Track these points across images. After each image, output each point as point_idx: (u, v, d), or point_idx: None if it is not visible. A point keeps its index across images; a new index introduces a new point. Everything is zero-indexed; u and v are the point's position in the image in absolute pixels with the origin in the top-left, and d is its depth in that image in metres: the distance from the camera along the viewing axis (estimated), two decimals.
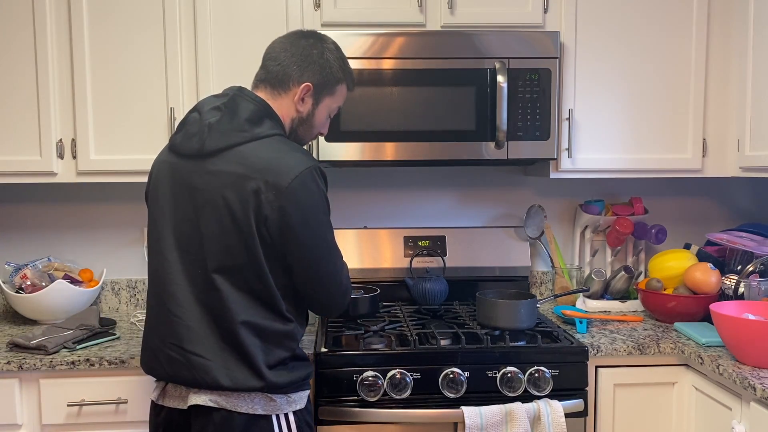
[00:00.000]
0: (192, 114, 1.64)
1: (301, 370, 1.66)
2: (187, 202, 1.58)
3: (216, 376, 1.54)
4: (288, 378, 1.61)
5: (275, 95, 1.66)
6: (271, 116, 1.63)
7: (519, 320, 2.10)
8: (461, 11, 2.29)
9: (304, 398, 1.68)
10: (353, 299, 2.10)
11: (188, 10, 2.23)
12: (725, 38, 2.34)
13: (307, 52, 1.67)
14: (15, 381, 1.95)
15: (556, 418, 1.90)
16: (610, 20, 2.32)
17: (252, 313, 1.56)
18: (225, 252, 1.55)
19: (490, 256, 2.59)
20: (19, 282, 2.35)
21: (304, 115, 1.69)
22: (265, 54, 1.70)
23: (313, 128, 1.73)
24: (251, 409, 1.57)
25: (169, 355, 1.57)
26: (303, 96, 1.67)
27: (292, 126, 1.70)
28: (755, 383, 1.71)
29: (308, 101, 1.68)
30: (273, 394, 1.60)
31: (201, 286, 1.56)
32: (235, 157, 1.55)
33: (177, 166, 1.61)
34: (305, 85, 1.66)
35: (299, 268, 1.60)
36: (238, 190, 1.53)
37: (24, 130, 2.22)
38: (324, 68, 1.68)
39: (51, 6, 2.20)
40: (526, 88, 2.23)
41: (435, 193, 2.72)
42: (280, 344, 1.60)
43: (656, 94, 2.35)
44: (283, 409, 1.61)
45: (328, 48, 1.71)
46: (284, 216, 1.53)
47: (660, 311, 2.32)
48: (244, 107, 1.60)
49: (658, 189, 2.75)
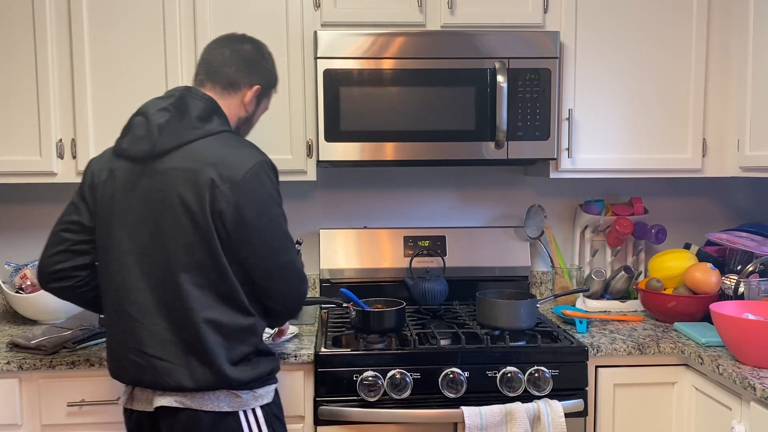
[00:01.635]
0: (137, 118, 1.65)
1: (266, 365, 1.68)
2: (142, 205, 1.59)
3: (179, 378, 1.56)
4: (252, 374, 1.63)
5: (224, 95, 1.71)
6: (219, 114, 1.68)
7: (519, 320, 2.10)
8: (461, 11, 2.29)
9: (270, 392, 1.70)
10: (378, 313, 2.08)
11: (188, 10, 2.23)
12: (725, 38, 2.34)
13: (253, 56, 1.76)
14: (15, 381, 1.95)
15: (556, 418, 1.90)
16: (610, 20, 2.32)
17: (214, 311, 1.58)
18: (184, 250, 1.56)
19: (490, 256, 2.59)
20: (19, 282, 2.35)
21: (248, 115, 1.78)
22: (205, 55, 1.75)
23: (250, 129, 1.84)
24: (217, 406, 1.59)
25: (133, 360, 1.59)
26: (253, 96, 1.76)
27: (237, 125, 1.76)
28: (755, 383, 1.71)
29: (254, 102, 1.78)
30: (238, 390, 1.62)
31: (162, 288, 1.57)
32: (187, 153, 1.57)
33: (127, 171, 1.62)
34: (256, 87, 1.75)
35: (257, 260, 1.61)
36: (193, 185, 1.55)
37: (24, 130, 2.22)
38: (270, 72, 1.81)
39: (51, 6, 2.20)
40: (526, 88, 2.23)
41: (435, 193, 2.72)
42: (242, 340, 1.62)
43: (656, 94, 2.35)
44: (250, 404, 1.64)
45: (268, 53, 1.82)
46: (239, 209, 1.56)
47: (660, 311, 2.32)
48: (194, 105, 1.63)
49: (658, 189, 2.75)
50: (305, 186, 2.66)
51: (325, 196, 2.68)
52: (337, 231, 2.59)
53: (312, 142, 2.27)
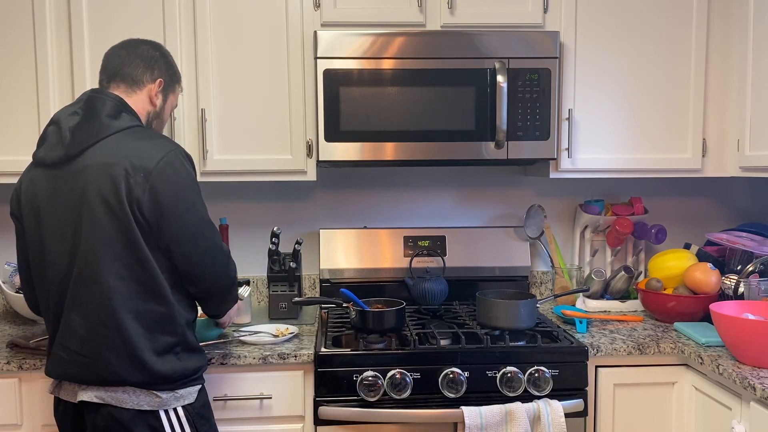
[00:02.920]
0: (49, 127, 1.69)
1: (192, 362, 1.70)
2: (65, 208, 1.62)
3: (99, 373, 1.60)
4: (177, 367, 1.65)
5: (129, 93, 1.75)
6: (127, 110, 1.71)
7: (519, 320, 2.10)
8: (461, 11, 2.29)
9: (193, 393, 1.70)
10: (378, 313, 2.08)
11: (188, 10, 2.23)
12: (725, 38, 2.34)
13: (151, 54, 1.79)
14: (15, 381, 1.95)
15: (556, 418, 1.90)
16: (610, 20, 2.32)
17: (135, 302, 1.61)
18: (106, 243, 1.59)
19: (490, 256, 2.59)
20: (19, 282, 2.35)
21: (158, 109, 1.81)
22: (104, 61, 1.78)
23: (163, 122, 1.86)
24: (136, 404, 1.61)
25: (60, 356, 1.63)
26: (158, 91, 1.79)
27: (149, 120, 1.80)
28: (755, 383, 1.71)
29: (160, 96, 1.80)
30: (158, 390, 1.63)
31: (85, 285, 1.60)
32: (100, 150, 1.62)
33: (47, 177, 1.66)
34: (159, 80, 1.78)
35: (177, 246, 1.64)
36: (108, 178, 1.59)
37: (24, 130, 2.22)
38: (170, 67, 1.84)
39: (51, 7, 2.20)
40: (526, 88, 2.23)
41: (435, 193, 2.72)
42: (164, 330, 1.64)
43: (656, 94, 2.35)
44: (170, 404, 1.65)
45: (165, 51, 1.84)
46: (155, 195, 1.59)
47: (660, 311, 2.32)
48: (102, 104, 1.68)
49: (658, 189, 2.75)
50: (305, 186, 2.66)
51: (325, 196, 2.68)
52: (337, 231, 2.59)
53: (312, 142, 2.27)
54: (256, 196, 2.65)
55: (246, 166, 2.28)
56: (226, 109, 2.26)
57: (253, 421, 2.00)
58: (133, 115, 1.72)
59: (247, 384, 1.98)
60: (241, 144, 2.27)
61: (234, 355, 1.97)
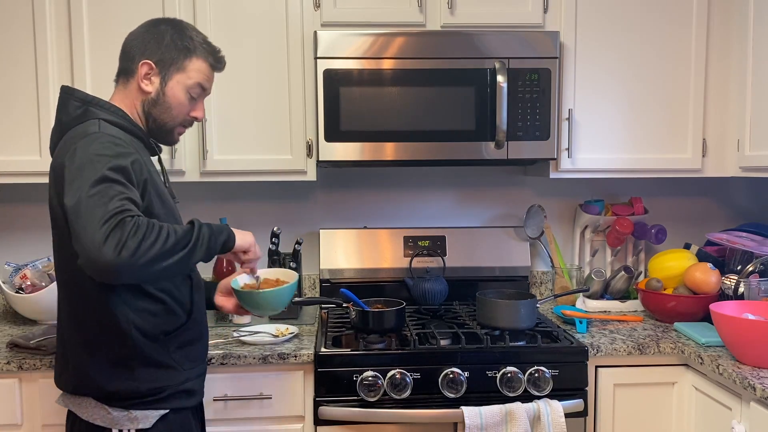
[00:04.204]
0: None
1: (150, 380, 1.53)
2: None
3: (59, 379, 1.61)
4: (127, 384, 1.51)
5: (124, 84, 1.64)
6: (96, 106, 1.57)
7: (519, 320, 2.10)
8: (461, 11, 2.29)
9: (150, 418, 1.53)
10: (378, 313, 2.07)
11: (188, 10, 2.23)
12: (725, 38, 2.34)
13: (137, 35, 1.64)
14: (15, 381, 1.95)
15: (556, 418, 1.90)
16: (610, 20, 2.32)
17: (73, 307, 1.56)
18: (56, 248, 1.58)
19: (490, 256, 2.59)
20: (19, 282, 2.35)
21: (153, 95, 1.62)
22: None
23: (170, 109, 1.63)
24: (90, 417, 1.53)
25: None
26: (144, 75, 1.61)
27: (144, 109, 1.63)
28: (755, 383, 1.71)
29: (155, 80, 1.61)
30: (110, 406, 1.52)
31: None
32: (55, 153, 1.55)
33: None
34: (143, 63, 1.60)
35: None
36: (51, 182, 1.53)
37: (24, 130, 2.22)
38: (161, 43, 1.61)
39: (51, 7, 2.20)
40: (526, 88, 2.23)
41: (435, 193, 2.72)
42: (107, 339, 1.51)
43: (656, 94, 2.35)
44: (123, 424, 1.51)
45: (163, 29, 1.63)
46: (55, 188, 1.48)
47: (660, 311, 2.32)
48: (66, 106, 1.58)
49: (658, 189, 2.75)
50: (305, 186, 2.66)
51: (325, 196, 2.68)
52: (337, 231, 2.58)
53: (312, 142, 2.27)
54: (256, 196, 2.65)
55: (246, 166, 2.28)
56: (226, 109, 2.26)
57: (253, 421, 2.00)
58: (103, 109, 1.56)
59: (247, 384, 1.98)
60: (241, 144, 2.27)
61: (234, 355, 1.97)
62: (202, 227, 1.48)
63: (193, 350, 1.64)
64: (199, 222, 1.49)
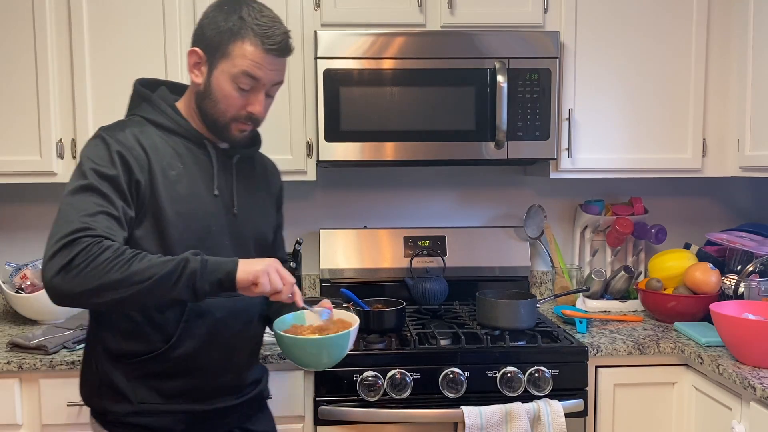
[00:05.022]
0: None
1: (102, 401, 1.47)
2: None
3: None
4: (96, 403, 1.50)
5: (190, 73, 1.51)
6: (147, 101, 1.53)
7: (519, 320, 2.10)
8: (461, 11, 2.29)
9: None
10: (378, 313, 2.07)
11: (188, 10, 2.23)
12: (725, 38, 2.34)
13: (206, 18, 1.48)
14: (15, 381, 1.95)
15: (556, 418, 1.90)
16: (610, 20, 2.32)
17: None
18: None
19: (490, 256, 2.59)
20: (19, 282, 2.35)
21: (202, 87, 1.48)
22: None
23: (217, 102, 1.46)
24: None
25: None
26: (193, 64, 1.48)
27: (197, 101, 1.50)
28: (755, 383, 1.71)
29: (203, 70, 1.47)
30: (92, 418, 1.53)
31: None
32: None
33: None
34: (190, 51, 1.48)
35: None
36: None
37: (24, 130, 2.22)
38: (207, 28, 1.45)
39: (51, 7, 2.20)
40: (526, 88, 2.23)
41: (435, 193, 2.72)
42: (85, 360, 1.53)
43: (656, 94, 2.35)
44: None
45: (233, 3, 1.45)
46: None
47: (660, 311, 2.32)
48: (130, 99, 1.59)
49: (658, 189, 2.75)
50: (305, 186, 2.66)
51: (325, 196, 2.68)
52: (337, 231, 2.59)
53: (312, 142, 2.27)
54: None
55: None
56: None
57: None
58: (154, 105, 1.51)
59: None
60: None
61: None
62: (189, 263, 1.30)
63: (167, 385, 1.47)
64: (193, 256, 1.31)
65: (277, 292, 1.34)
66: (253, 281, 1.31)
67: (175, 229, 1.42)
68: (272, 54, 1.44)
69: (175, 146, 1.48)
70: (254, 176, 1.66)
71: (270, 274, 1.33)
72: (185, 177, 1.47)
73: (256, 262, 1.33)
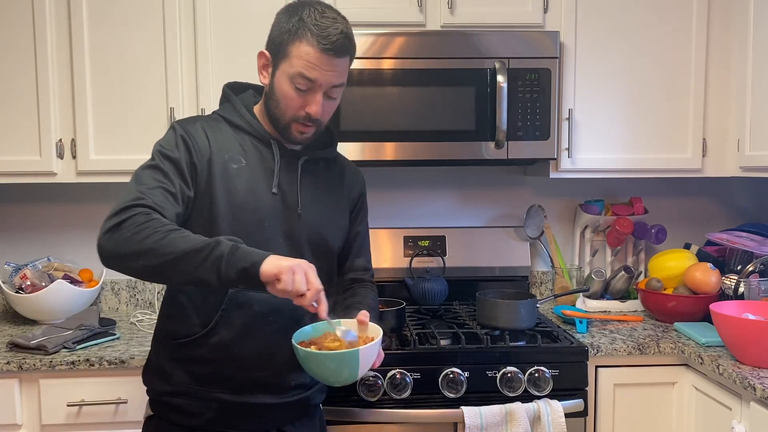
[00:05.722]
0: None
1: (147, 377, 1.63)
2: None
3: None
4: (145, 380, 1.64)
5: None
6: (229, 99, 1.62)
7: (519, 320, 2.10)
8: (461, 11, 2.29)
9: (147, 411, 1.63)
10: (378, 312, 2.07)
11: (188, 10, 2.23)
12: (725, 38, 2.34)
13: (274, 20, 1.55)
14: (15, 381, 1.95)
15: (556, 418, 1.90)
16: (610, 20, 2.32)
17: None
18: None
19: (490, 256, 2.59)
20: (19, 282, 2.35)
21: (267, 88, 1.55)
22: None
23: (278, 102, 1.51)
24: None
25: None
26: (262, 66, 1.54)
27: (265, 103, 1.57)
28: (755, 383, 1.71)
29: (269, 71, 1.53)
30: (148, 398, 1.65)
31: None
32: None
33: None
34: (259, 54, 1.54)
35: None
36: None
37: (24, 130, 2.22)
38: (273, 30, 1.52)
39: (51, 6, 2.20)
40: (526, 88, 2.23)
41: (435, 193, 2.72)
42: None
43: (656, 94, 2.35)
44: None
45: (296, 6, 1.51)
46: None
47: (660, 311, 2.32)
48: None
49: (658, 189, 2.75)
50: None
51: None
52: None
53: None
54: None
55: None
56: None
57: None
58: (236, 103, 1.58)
59: None
60: None
61: None
62: (220, 245, 1.30)
63: (202, 371, 1.51)
64: (227, 241, 1.31)
65: (300, 294, 1.29)
66: (277, 276, 1.27)
67: (225, 219, 1.48)
68: (328, 54, 1.46)
69: (242, 143, 1.55)
70: (327, 180, 1.66)
71: (296, 274, 1.28)
72: (246, 172, 1.52)
73: (288, 259, 1.30)
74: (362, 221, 1.76)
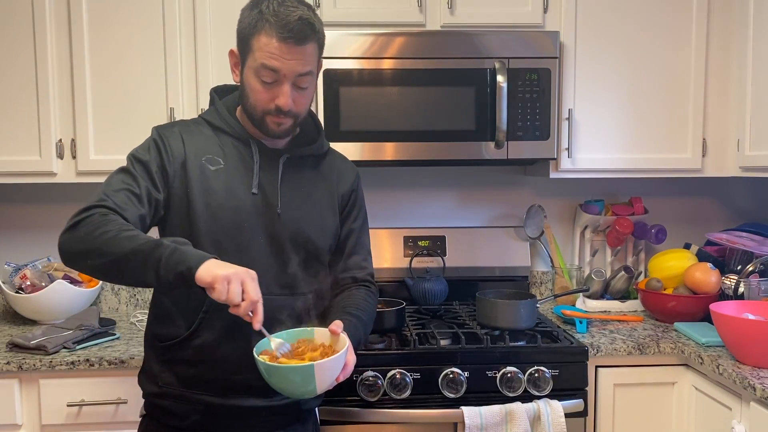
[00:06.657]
0: None
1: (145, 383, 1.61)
2: None
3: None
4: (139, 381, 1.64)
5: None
6: (214, 102, 1.63)
7: (519, 320, 2.10)
8: (461, 11, 2.29)
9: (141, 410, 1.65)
10: (378, 313, 2.04)
11: (188, 10, 2.23)
12: (725, 38, 2.34)
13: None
14: (15, 381, 1.95)
15: (555, 418, 1.90)
16: (610, 20, 2.32)
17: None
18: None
19: (490, 256, 2.59)
20: (19, 282, 2.35)
21: (240, 85, 1.54)
22: None
23: (248, 98, 1.50)
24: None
25: None
26: (233, 65, 1.54)
27: (240, 101, 1.56)
28: (755, 383, 1.70)
29: (237, 70, 1.53)
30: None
31: None
32: None
33: None
34: (229, 52, 1.55)
35: None
36: None
37: (24, 130, 2.22)
38: (238, 27, 1.51)
39: (51, 7, 2.20)
40: (526, 88, 2.23)
41: (435, 193, 2.72)
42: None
43: (656, 94, 2.35)
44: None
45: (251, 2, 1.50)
46: None
47: (660, 311, 2.32)
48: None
49: (658, 189, 2.75)
50: None
51: None
52: None
53: None
54: None
55: None
56: None
57: None
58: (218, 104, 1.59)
59: None
60: None
61: None
62: (160, 247, 1.28)
63: (187, 373, 1.51)
64: (169, 243, 1.30)
65: (235, 305, 1.26)
66: (211, 285, 1.24)
67: (203, 221, 1.48)
68: (288, 42, 1.42)
69: (222, 144, 1.55)
70: (313, 177, 1.62)
71: (231, 284, 1.24)
72: (225, 173, 1.52)
73: (226, 267, 1.27)
74: (356, 219, 1.70)
